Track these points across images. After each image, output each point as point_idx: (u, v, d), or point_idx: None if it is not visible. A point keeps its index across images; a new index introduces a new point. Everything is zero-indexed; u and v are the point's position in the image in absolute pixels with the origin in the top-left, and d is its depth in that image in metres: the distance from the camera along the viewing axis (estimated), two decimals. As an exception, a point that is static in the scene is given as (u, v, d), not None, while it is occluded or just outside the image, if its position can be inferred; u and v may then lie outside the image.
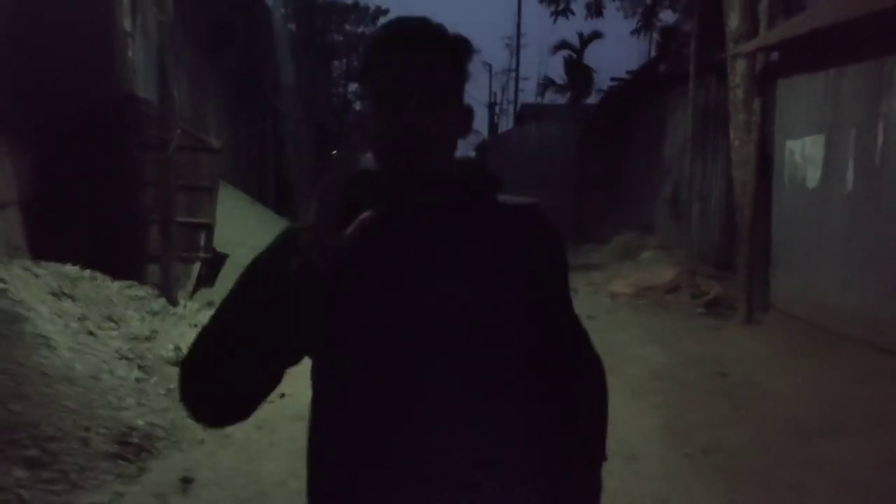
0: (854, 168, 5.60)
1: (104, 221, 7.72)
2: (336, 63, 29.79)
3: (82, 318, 5.59)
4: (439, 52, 1.02)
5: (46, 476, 3.24)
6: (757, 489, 3.55)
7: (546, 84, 27.29)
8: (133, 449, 3.72)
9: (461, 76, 1.05)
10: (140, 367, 5.10)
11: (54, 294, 5.89)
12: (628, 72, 12.72)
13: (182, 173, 7.57)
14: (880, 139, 5.27)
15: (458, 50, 1.04)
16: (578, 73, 26.46)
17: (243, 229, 9.52)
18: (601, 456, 1.20)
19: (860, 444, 4.19)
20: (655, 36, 17.53)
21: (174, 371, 5.24)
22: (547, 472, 1.09)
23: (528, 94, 32.59)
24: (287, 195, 15.68)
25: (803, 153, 6.32)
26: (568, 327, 1.19)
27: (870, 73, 5.37)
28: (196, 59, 10.74)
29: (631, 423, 4.39)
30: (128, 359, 5.21)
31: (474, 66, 1.04)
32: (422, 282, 1.02)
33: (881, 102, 5.25)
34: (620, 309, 8.19)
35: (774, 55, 6.87)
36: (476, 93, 32.82)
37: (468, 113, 1.09)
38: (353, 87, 28.98)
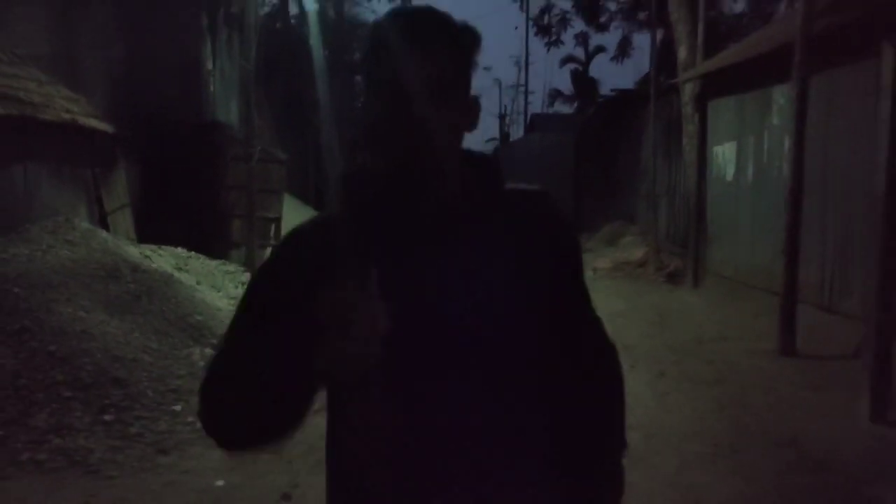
0: (752, 165, 7.76)
1: (197, 217, 10.09)
2: (357, 78, 32.10)
3: (199, 283, 7.89)
4: (441, 42, 0.94)
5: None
6: (649, 363, 5.74)
7: (554, 95, 29.39)
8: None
9: (466, 67, 0.98)
10: (249, 311, 7.37)
11: (176, 267, 8.21)
12: (612, 90, 14.93)
13: (257, 179, 9.90)
14: (766, 145, 7.42)
15: (462, 39, 0.97)
16: (584, 84, 28.60)
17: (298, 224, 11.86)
18: (622, 442, 1.18)
19: (736, 346, 6.35)
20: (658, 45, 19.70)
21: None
22: (570, 460, 1.08)
23: (535, 105, 34.76)
24: (324, 198, 18.11)
25: (724, 155, 8.48)
26: (584, 314, 1.15)
27: (760, 97, 7.52)
28: (255, 88, 13.14)
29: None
30: (238, 307, 7.49)
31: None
32: (433, 274, 0.97)
33: (766, 119, 7.40)
34: (601, 280, 10.34)
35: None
36: (487, 104, 35.06)
37: (474, 105, 1.01)
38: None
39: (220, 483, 3.37)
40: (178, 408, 4.18)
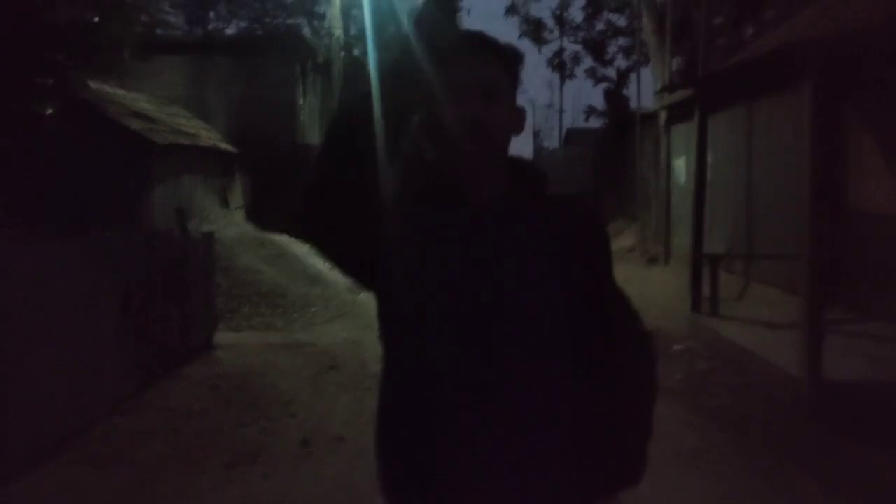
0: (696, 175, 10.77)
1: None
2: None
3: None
4: (492, 57, 1.16)
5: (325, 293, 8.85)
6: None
7: (589, 111, 32.32)
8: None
9: (512, 80, 1.19)
10: (337, 275, 10.78)
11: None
12: (619, 108, 18.04)
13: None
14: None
15: (509, 56, 1.19)
16: (616, 101, 31.49)
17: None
18: (647, 429, 1.27)
19: (663, 297, 9.37)
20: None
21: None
22: (598, 436, 1.18)
23: (567, 121, 37.68)
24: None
25: (679, 166, 11.50)
26: (619, 305, 1.32)
27: (694, 126, 10.56)
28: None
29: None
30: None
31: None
32: (478, 264, 1.12)
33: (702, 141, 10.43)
34: (597, 263, 13.43)
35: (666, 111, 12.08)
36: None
37: (520, 113, 1.22)
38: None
39: (345, 335, 6.73)
40: (314, 309, 7.55)
